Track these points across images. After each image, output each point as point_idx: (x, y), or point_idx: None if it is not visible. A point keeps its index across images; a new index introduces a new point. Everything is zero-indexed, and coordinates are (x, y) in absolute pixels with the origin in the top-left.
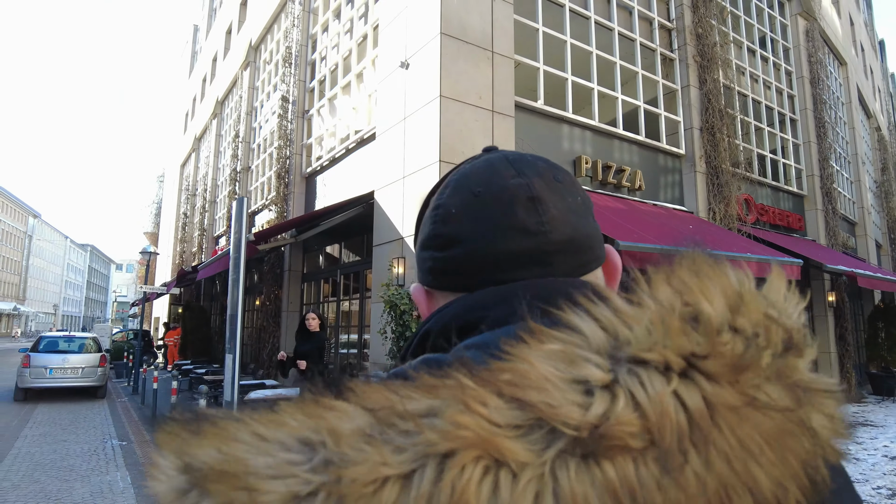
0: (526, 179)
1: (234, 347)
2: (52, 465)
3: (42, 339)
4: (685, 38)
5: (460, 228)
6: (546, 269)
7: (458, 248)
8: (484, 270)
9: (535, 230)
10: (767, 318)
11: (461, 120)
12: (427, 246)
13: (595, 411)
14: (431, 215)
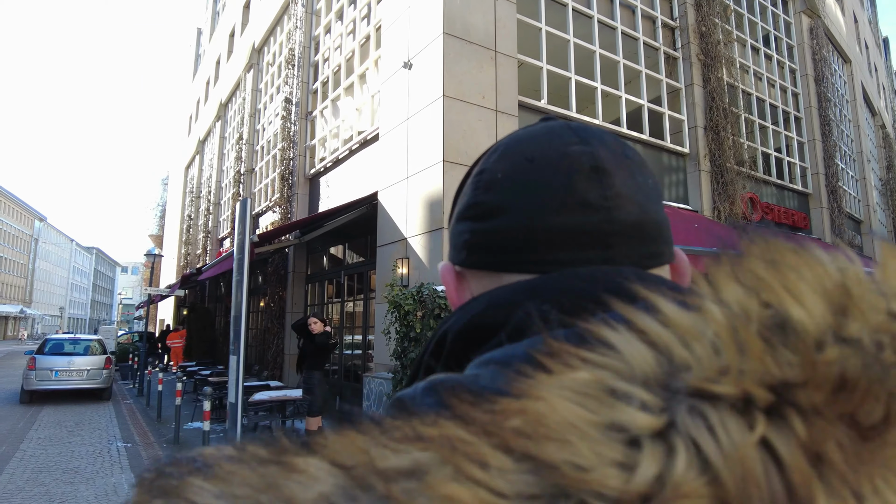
0: (590, 148)
1: (238, 349)
2: (57, 468)
3: (47, 341)
4: (688, 37)
5: (506, 196)
6: (606, 252)
7: (502, 218)
8: (529, 247)
9: (596, 204)
10: (893, 317)
11: (464, 120)
12: (464, 216)
13: (643, 475)
14: (473, 181)
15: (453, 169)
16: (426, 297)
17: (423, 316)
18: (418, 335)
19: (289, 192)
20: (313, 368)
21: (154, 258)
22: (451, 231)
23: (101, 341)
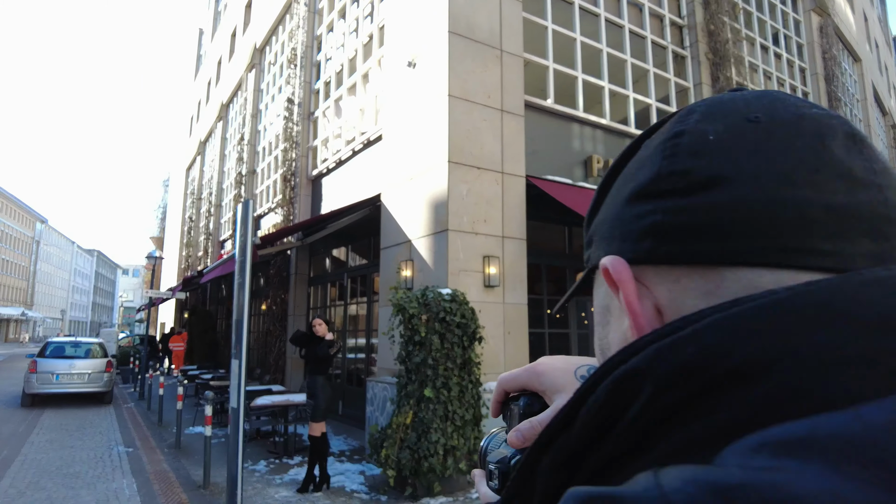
0: (831, 113)
1: (240, 353)
2: (59, 472)
3: (49, 344)
4: (696, 35)
5: (727, 162)
6: (881, 243)
7: (723, 190)
8: (773, 230)
9: (865, 180)
10: None
11: (469, 120)
12: (648, 192)
13: None
14: (663, 147)
15: (458, 169)
16: (431, 300)
17: (427, 319)
18: (423, 339)
19: (291, 193)
20: (316, 373)
21: (155, 261)
22: (613, 219)
23: (103, 344)
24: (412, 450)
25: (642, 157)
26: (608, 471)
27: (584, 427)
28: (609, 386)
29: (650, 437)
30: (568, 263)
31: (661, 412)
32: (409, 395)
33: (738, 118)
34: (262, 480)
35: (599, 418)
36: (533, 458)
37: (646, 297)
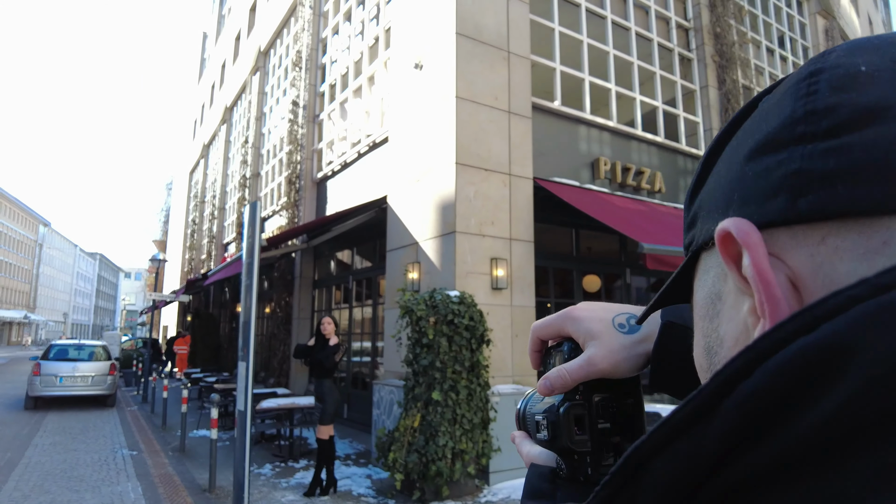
0: None
1: (247, 355)
2: (63, 475)
3: (52, 347)
4: (703, 38)
5: (893, 90)
6: None
7: (889, 122)
8: None
9: None
10: None
11: (477, 121)
12: (778, 143)
13: None
14: (795, 89)
15: (465, 171)
16: (439, 302)
17: (435, 322)
18: (431, 341)
19: (296, 195)
20: (323, 376)
21: (159, 263)
22: (729, 181)
23: (106, 347)
24: (420, 453)
25: (764, 110)
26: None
27: (734, 424)
28: (788, 364)
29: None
30: (575, 266)
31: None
32: (416, 398)
33: (893, 49)
34: (268, 484)
35: (762, 413)
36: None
37: (777, 268)
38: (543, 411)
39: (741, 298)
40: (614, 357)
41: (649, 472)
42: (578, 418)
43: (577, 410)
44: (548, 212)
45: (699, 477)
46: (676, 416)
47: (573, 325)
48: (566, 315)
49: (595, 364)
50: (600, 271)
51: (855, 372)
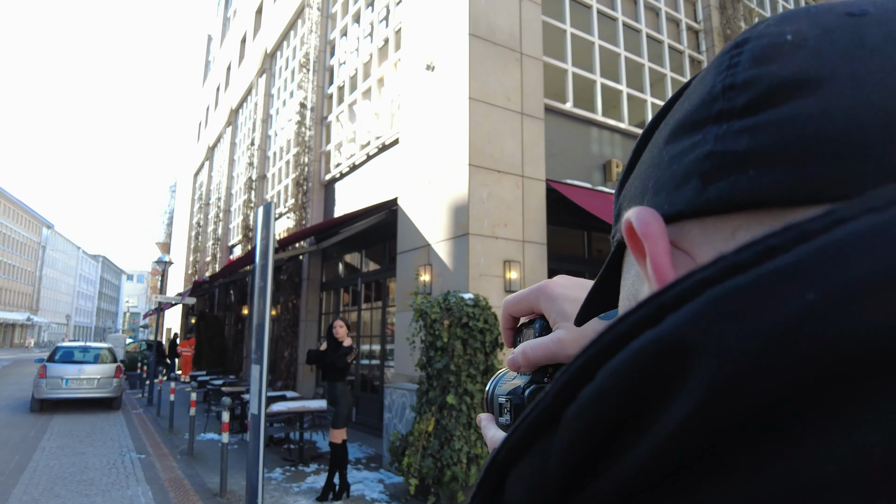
0: None
1: (261, 358)
2: (72, 479)
3: (58, 349)
4: (713, 40)
5: (818, 61)
6: None
7: (810, 97)
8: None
9: None
10: None
11: (490, 122)
12: (694, 122)
13: None
14: (717, 63)
15: (478, 173)
16: (453, 305)
17: (449, 325)
18: (445, 344)
19: (303, 197)
20: (336, 379)
21: (165, 266)
22: (647, 167)
23: (112, 349)
24: (435, 458)
25: (690, 88)
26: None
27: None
28: (627, 364)
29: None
30: (587, 269)
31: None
32: (430, 402)
33: (833, 15)
34: (280, 489)
35: (606, 425)
36: (497, 472)
37: (683, 264)
38: (507, 393)
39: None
40: (584, 341)
41: (507, 488)
42: None
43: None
44: (560, 214)
45: (550, 499)
46: (525, 421)
47: (546, 302)
48: (540, 290)
49: (563, 347)
50: None
51: (696, 377)
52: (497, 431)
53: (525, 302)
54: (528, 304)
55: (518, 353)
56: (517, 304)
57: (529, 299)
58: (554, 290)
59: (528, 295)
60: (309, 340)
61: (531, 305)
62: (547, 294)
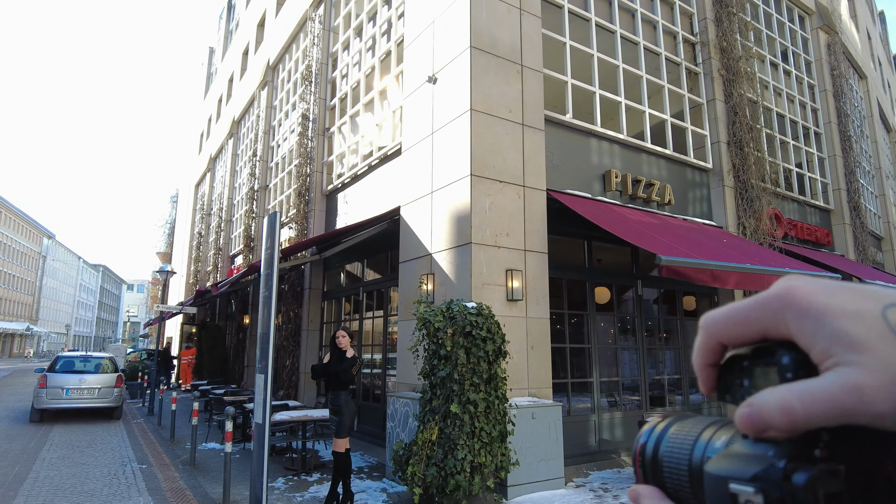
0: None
1: (266, 367)
2: (73, 490)
3: (59, 359)
4: (709, 52)
5: None
6: None
7: None
8: None
9: None
10: None
11: (492, 133)
12: None
13: None
14: None
15: (481, 183)
16: (456, 313)
17: (453, 333)
18: (448, 353)
19: (305, 208)
20: (340, 388)
21: (166, 275)
22: None
23: (113, 359)
24: (439, 467)
25: None
26: None
27: None
28: None
29: None
30: (588, 278)
31: None
32: (433, 411)
33: None
34: (283, 498)
35: None
36: None
37: None
38: (751, 476)
39: None
40: None
41: None
42: (832, 497)
43: (831, 484)
44: (560, 223)
45: None
46: None
47: (802, 320)
48: (784, 301)
49: (864, 399)
50: (612, 283)
51: None
52: None
53: (753, 321)
54: (758, 324)
55: (773, 407)
56: (737, 325)
57: (761, 316)
58: (812, 299)
59: (755, 309)
60: (311, 350)
61: (765, 326)
62: (801, 308)
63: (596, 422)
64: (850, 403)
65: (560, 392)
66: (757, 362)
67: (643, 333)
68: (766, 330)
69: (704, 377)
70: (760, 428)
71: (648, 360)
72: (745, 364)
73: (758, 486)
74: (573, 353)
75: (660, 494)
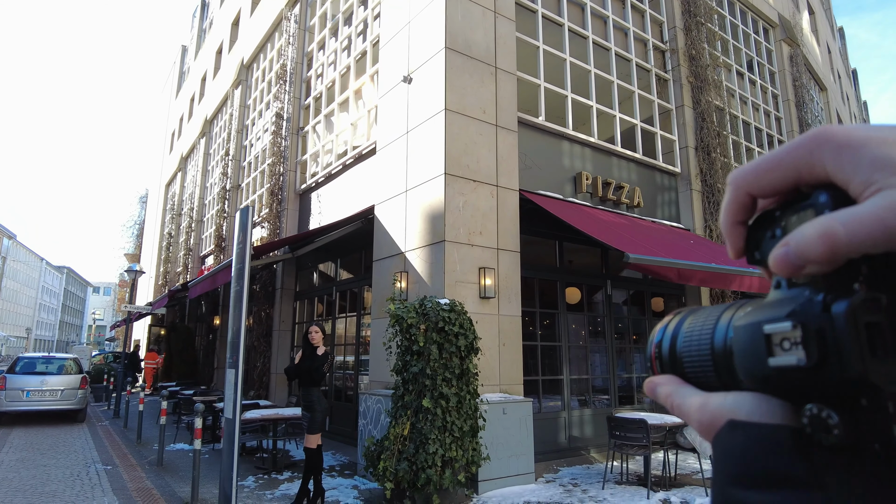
0: None
1: (236, 362)
2: (33, 491)
3: (19, 360)
4: (678, 60)
5: None
6: None
7: None
8: None
9: None
10: None
11: (466, 134)
12: None
13: None
14: None
15: (455, 182)
16: (429, 310)
17: (426, 329)
18: (422, 348)
19: (278, 207)
20: (312, 385)
21: (135, 274)
22: None
23: (77, 360)
24: (410, 461)
25: None
26: None
27: None
28: None
29: None
30: (559, 278)
31: None
32: (406, 406)
33: None
34: (253, 496)
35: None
36: None
37: None
38: (788, 313)
39: None
40: None
41: None
42: (872, 327)
43: (872, 313)
44: (532, 224)
45: None
46: None
47: (838, 154)
48: (819, 137)
49: None
50: (582, 283)
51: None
52: (711, 395)
53: (786, 165)
54: (791, 167)
55: (812, 236)
56: (768, 172)
57: (795, 158)
58: (851, 133)
59: (789, 152)
60: (282, 350)
61: (798, 170)
62: (839, 141)
63: (566, 419)
64: (895, 222)
65: (531, 390)
66: (791, 208)
67: (613, 333)
68: (800, 174)
69: (733, 237)
70: (797, 264)
71: (618, 360)
72: (777, 214)
73: (795, 321)
74: (544, 352)
75: (678, 380)
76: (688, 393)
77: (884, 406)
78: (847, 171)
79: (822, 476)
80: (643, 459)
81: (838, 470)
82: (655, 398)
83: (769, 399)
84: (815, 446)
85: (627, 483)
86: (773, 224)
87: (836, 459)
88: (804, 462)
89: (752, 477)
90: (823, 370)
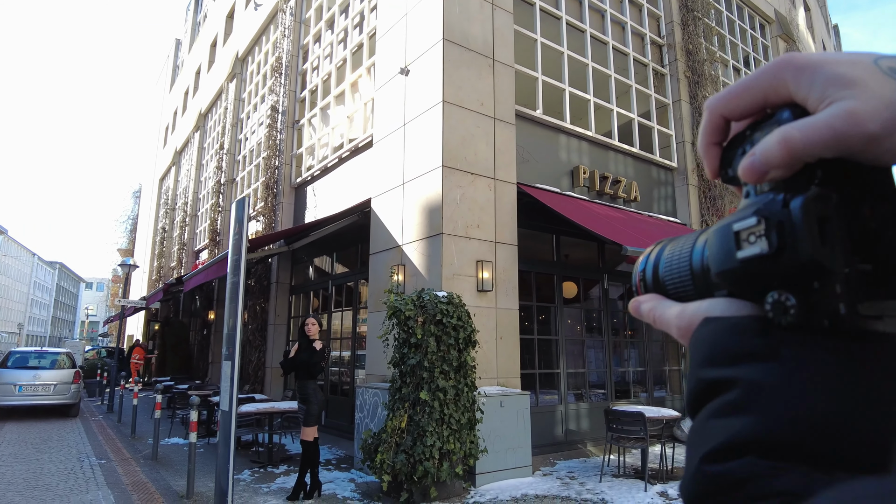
0: None
1: (232, 354)
2: (27, 485)
3: (11, 353)
4: (676, 54)
5: None
6: None
7: None
8: None
9: None
10: None
11: (463, 126)
12: None
13: None
14: None
15: (453, 174)
16: (427, 302)
17: (424, 321)
18: (419, 341)
19: (273, 201)
20: (308, 378)
21: (129, 269)
22: None
23: (70, 354)
24: (408, 454)
25: None
26: None
27: None
28: None
29: None
30: (556, 272)
31: None
32: (403, 399)
33: None
34: (249, 489)
35: None
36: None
37: None
38: (754, 212)
39: None
40: (890, 114)
41: None
42: (823, 219)
43: (821, 205)
44: (530, 217)
45: None
46: None
47: (799, 74)
48: (781, 62)
49: (859, 120)
50: (579, 277)
51: None
52: (687, 304)
53: (754, 88)
54: (758, 90)
55: (773, 143)
56: (738, 96)
57: (761, 82)
58: (810, 57)
59: (755, 77)
60: (278, 345)
61: (764, 92)
62: (799, 64)
63: (563, 413)
64: (843, 126)
65: (528, 384)
66: (759, 127)
67: (609, 327)
68: (767, 96)
69: (709, 157)
70: (762, 170)
71: (614, 355)
72: (747, 133)
73: (759, 216)
74: (541, 346)
75: (659, 297)
76: (668, 304)
77: (833, 288)
78: (805, 89)
79: (778, 349)
80: (640, 452)
81: (793, 344)
82: (639, 316)
83: (739, 301)
84: (772, 326)
85: (625, 476)
86: (744, 142)
87: (791, 336)
88: (763, 339)
89: (718, 356)
90: (782, 257)
